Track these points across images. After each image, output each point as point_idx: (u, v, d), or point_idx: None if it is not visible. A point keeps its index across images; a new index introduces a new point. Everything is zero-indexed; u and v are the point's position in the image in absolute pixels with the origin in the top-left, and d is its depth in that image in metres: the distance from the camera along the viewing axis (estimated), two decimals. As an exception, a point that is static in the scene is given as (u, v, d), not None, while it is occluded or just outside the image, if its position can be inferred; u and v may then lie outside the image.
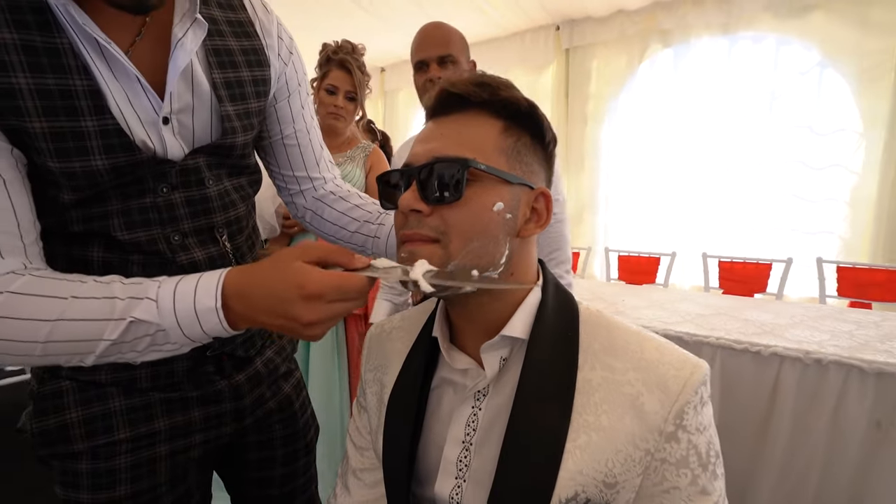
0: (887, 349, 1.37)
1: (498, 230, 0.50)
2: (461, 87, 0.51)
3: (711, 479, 0.47)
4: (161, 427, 0.61)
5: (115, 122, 0.49)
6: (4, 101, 0.44)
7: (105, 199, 0.52)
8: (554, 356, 0.52)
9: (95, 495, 0.58)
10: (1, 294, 0.45)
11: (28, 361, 0.49)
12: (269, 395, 0.72)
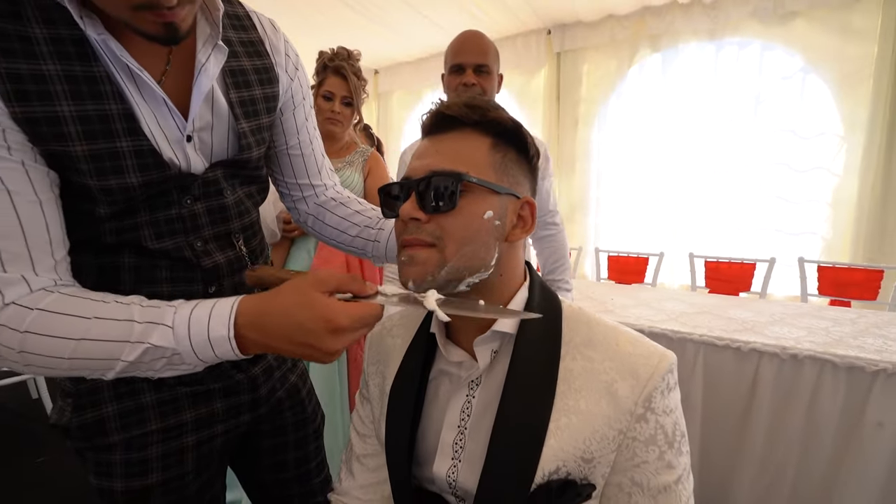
0: (860, 344, 1.44)
1: (488, 236, 0.55)
2: (454, 110, 0.57)
3: (677, 455, 0.53)
4: (188, 419, 0.66)
5: (148, 142, 0.54)
6: (49, 128, 0.48)
7: (135, 211, 0.56)
8: (539, 348, 0.58)
9: (129, 483, 0.63)
10: (33, 311, 0.48)
11: (53, 374, 0.52)
12: (279, 385, 0.78)
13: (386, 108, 4.93)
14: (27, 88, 0.47)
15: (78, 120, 0.49)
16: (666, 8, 3.17)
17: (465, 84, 1.36)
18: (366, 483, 0.73)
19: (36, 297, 0.49)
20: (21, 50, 0.46)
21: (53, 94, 0.48)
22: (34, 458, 2.26)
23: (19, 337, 0.48)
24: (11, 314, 0.48)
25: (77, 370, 0.51)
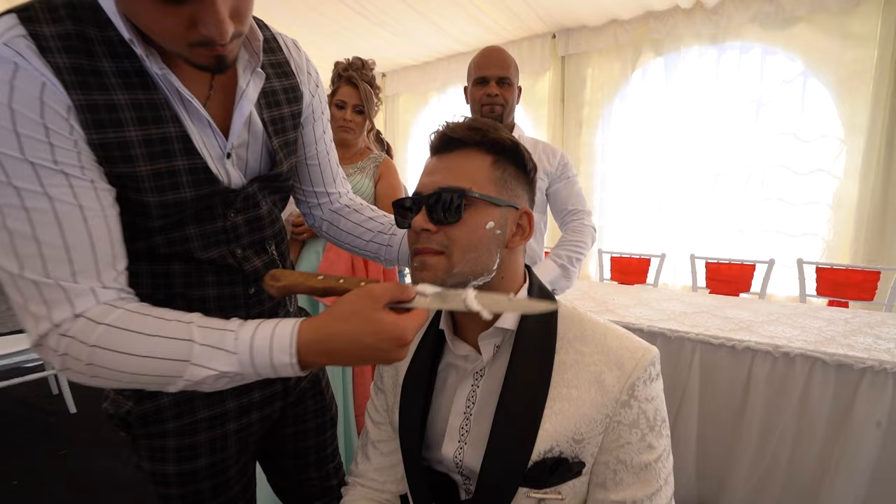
0: (850, 343, 1.50)
1: (490, 243, 0.63)
2: (459, 132, 0.64)
3: (657, 437, 0.60)
4: (231, 407, 0.73)
5: (202, 160, 0.60)
6: (120, 152, 0.54)
7: (184, 225, 0.63)
8: (536, 343, 0.65)
9: (181, 466, 0.70)
10: (100, 325, 0.51)
11: (116, 386, 0.55)
12: (303, 375, 0.86)
13: (393, 111, 5.01)
14: (102, 117, 0.53)
15: (143, 143, 0.56)
16: (668, 13, 3.22)
17: (488, 95, 1.45)
18: (380, 466, 0.81)
19: (103, 311, 0.52)
20: (95, 83, 0.52)
21: (123, 122, 0.54)
22: (57, 449, 2.36)
23: (87, 350, 0.51)
24: (81, 327, 0.51)
25: (139, 384, 0.54)
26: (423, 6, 3.38)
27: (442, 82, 4.48)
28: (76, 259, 0.52)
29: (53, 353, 0.51)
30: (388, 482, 0.81)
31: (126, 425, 0.70)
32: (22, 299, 0.50)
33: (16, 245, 0.49)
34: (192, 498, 0.73)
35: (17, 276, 0.49)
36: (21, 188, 0.48)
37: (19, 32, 0.48)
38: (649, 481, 0.59)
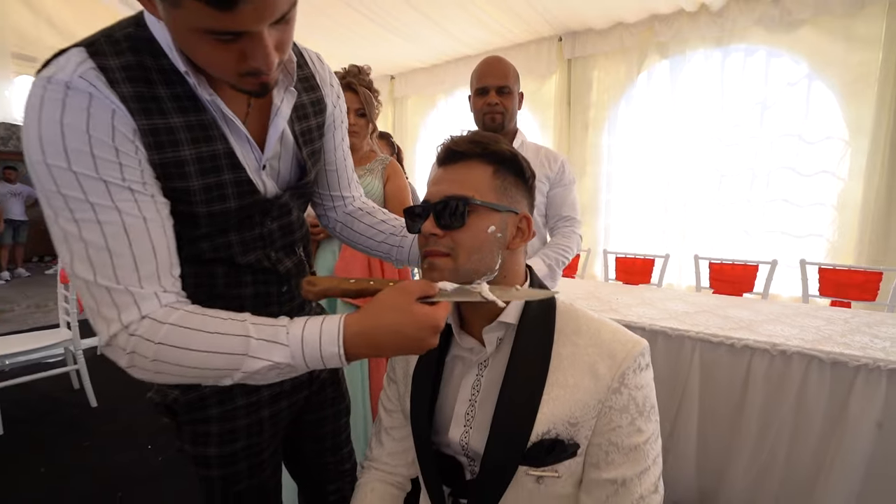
0: (846, 342, 1.54)
1: (492, 246, 0.69)
2: (462, 146, 0.71)
3: (646, 422, 0.66)
4: (264, 396, 0.80)
5: (245, 173, 0.67)
6: (175, 169, 0.60)
7: (227, 232, 0.70)
8: (536, 337, 0.71)
9: (222, 449, 0.77)
10: (164, 325, 0.56)
11: (178, 381, 0.59)
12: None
13: (401, 113, 5.08)
14: (162, 139, 0.59)
15: (196, 160, 0.62)
16: (674, 16, 3.26)
17: (489, 104, 1.52)
18: (393, 451, 0.88)
19: (166, 312, 0.58)
20: (155, 108, 0.59)
21: (179, 142, 0.60)
22: (80, 441, 2.47)
23: (154, 348, 0.56)
24: (147, 327, 0.56)
25: (200, 378, 0.59)
26: (431, 11, 3.45)
27: (450, 85, 4.55)
28: (141, 266, 0.57)
29: (122, 351, 0.57)
30: (400, 466, 0.88)
31: (171, 412, 0.76)
32: (95, 304, 0.56)
33: (90, 255, 0.55)
34: (231, 478, 0.80)
35: (91, 283, 0.55)
36: (95, 203, 0.54)
37: (90, 65, 0.55)
38: (638, 461, 0.65)
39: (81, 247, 0.55)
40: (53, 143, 0.52)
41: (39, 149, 0.52)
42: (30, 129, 0.52)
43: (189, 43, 0.54)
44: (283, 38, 0.56)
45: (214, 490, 0.81)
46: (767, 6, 2.93)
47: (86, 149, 0.53)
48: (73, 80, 0.53)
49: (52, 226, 0.55)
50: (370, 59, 5.19)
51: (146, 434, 2.52)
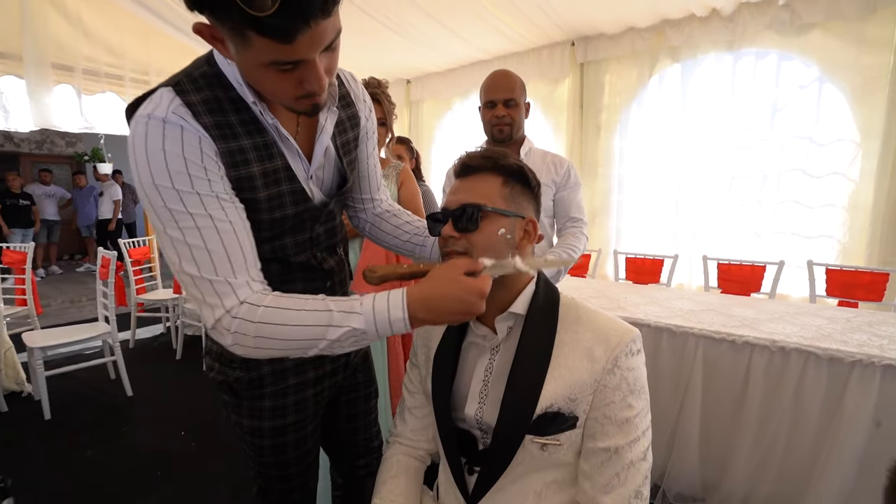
0: (844, 340, 1.61)
1: (502, 246, 0.80)
2: (476, 161, 0.83)
3: (636, 399, 0.77)
4: (310, 377, 0.93)
5: (300, 184, 0.80)
6: (247, 183, 0.73)
7: (283, 235, 0.82)
8: (541, 325, 0.82)
9: (274, 422, 0.90)
10: (260, 307, 0.67)
11: (274, 355, 0.70)
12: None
13: (417, 116, 5.20)
14: (237, 159, 0.72)
15: (262, 175, 0.75)
16: (685, 21, 3.31)
17: (497, 116, 1.64)
18: (415, 428, 1.00)
19: (259, 297, 0.69)
20: (230, 133, 0.72)
21: (250, 161, 0.73)
22: (119, 427, 2.65)
23: (254, 327, 0.67)
24: (246, 310, 0.67)
25: (292, 350, 0.69)
26: (446, 19, 3.56)
27: (465, 88, 4.65)
28: (234, 260, 0.69)
29: (227, 331, 0.68)
30: (421, 441, 1.00)
31: (232, 390, 0.90)
32: (200, 294, 0.69)
33: (194, 255, 0.67)
34: (280, 448, 0.93)
35: (197, 278, 0.68)
36: (194, 213, 0.67)
37: (178, 103, 0.68)
38: (629, 432, 0.76)
39: (186, 249, 0.67)
40: (159, 167, 0.65)
41: (149, 173, 0.65)
42: (139, 157, 0.65)
43: (257, 76, 0.66)
44: (331, 64, 0.68)
45: (265, 460, 0.94)
46: (778, 10, 2.97)
47: (183, 169, 0.66)
48: (168, 116, 0.66)
49: (161, 235, 0.68)
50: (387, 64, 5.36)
51: (179, 421, 2.69)
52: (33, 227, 6.95)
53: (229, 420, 0.95)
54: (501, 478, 0.81)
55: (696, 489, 1.82)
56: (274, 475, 0.96)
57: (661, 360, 1.86)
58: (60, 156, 8.90)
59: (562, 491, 0.82)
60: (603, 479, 0.76)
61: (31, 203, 6.94)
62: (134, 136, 0.66)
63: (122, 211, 7.57)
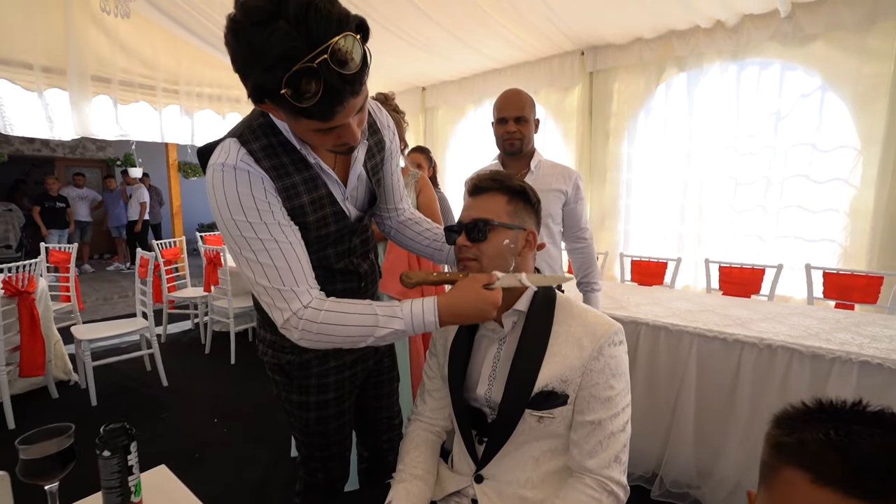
0: (828, 338, 1.74)
1: (507, 254, 0.97)
2: (485, 182, 1.00)
3: (617, 381, 0.93)
4: (347, 359, 1.12)
5: (339, 206, 0.98)
6: (299, 211, 0.90)
7: (326, 247, 1.01)
8: (540, 320, 0.99)
9: (318, 397, 1.10)
10: (321, 311, 0.85)
11: (330, 346, 0.88)
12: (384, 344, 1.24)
13: (432, 122, 5.39)
14: (290, 193, 0.90)
15: (310, 203, 0.92)
16: (690, 32, 3.43)
17: (508, 132, 1.82)
18: (433, 407, 1.17)
19: (319, 302, 0.87)
20: (284, 172, 0.90)
21: (300, 193, 0.91)
22: (158, 414, 2.88)
23: (317, 325, 0.85)
24: (311, 312, 0.86)
25: (346, 343, 0.88)
26: (459, 31, 3.74)
27: (478, 96, 4.82)
28: (295, 273, 0.87)
29: (294, 329, 0.86)
30: (439, 419, 1.17)
31: (284, 371, 1.09)
32: (271, 300, 0.87)
33: (265, 271, 0.86)
34: (323, 420, 1.12)
35: (269, 288, 0.86)
36: (263, 238, 0.85)
37: (244, 152, 0.86)
38: (611, 408, 0.92)
39: (259, 267, 0.86)
40: (234, 204, 0.83)
41: (227, 209, 0.84)
42: (218, 198, 0.84)
43: (303, 134, 0.84)
44: (361, 119, 0.85)
45: (310, 430, 1.13)
46: (781, 22, 3.07)
47: (252, 205, 0.84)
48: (237, 164, 0.84)
49: (238, 256, 0.87)
50: (404, 73, 5.57)
51: (211, 409, 2.92)
52: (68, 228, 7.33)
53: (279, 398, 1.14)
54: (505, 445, 0.99)
55: (691, 476, 1.96)
56: (316, 444, 1.15)
57: (658, 357, 2.00)
58: (91, 160, 9.33)
59: (555, 458, 0.99)
60: (588, 446, 0.92)
61: (66, 205, 7.33)
62: (213, 181, 0.85)
63: (149, 212, 7.92)
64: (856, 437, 0.42)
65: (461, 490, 1.05)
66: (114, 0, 2.92)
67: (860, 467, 0.40)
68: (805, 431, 0.45)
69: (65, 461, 0.77)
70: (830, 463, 0.41)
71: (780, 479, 0.45)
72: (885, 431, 0.42)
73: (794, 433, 0.46)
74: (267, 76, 0.68)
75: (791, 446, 0.45)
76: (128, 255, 8.33)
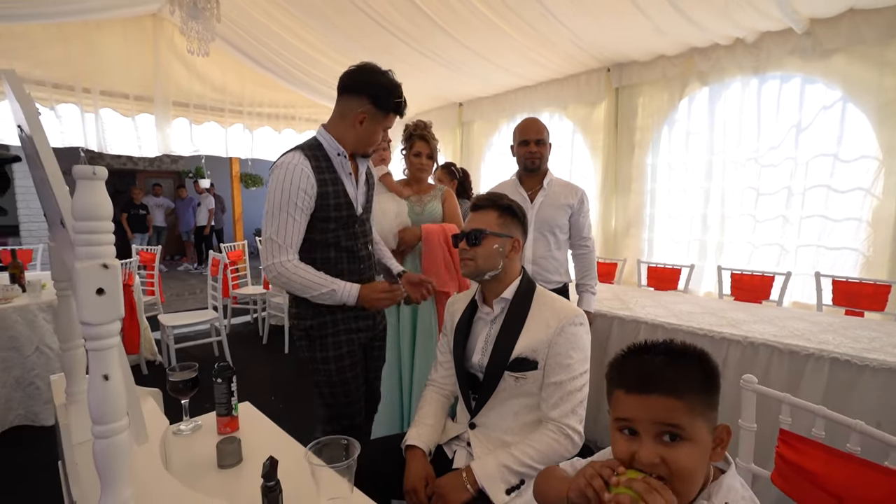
0: (809, 338, 1.91)
1: (496, 256, 1.30)
2: (481, 201, 1.33)
3: (574, 352, 1.22)
4: (353, 326, 1.51)
5: (350, 200, 1.43)
6: (325, 200, 1.38)
7: (338, 230, 1.43)
8: (520, 305, 1.30)
9: (336, 352, 1.48)
10: (298, 267, 1.38)
11: (296, 292, 1.41)
12: (380, 322, 1.65)
13: (468, 135, 5.74)
14: (322, 183, 1.38)
15: (334, 195, 1.41)
16: (712, 48, 3.57)
17: (530, 152, 2.18)
18: (443, 374, 1.50)
19: (295, 263, 1.39)
20: (320, 170, 1.37)
21: (328, 183, 1.39)
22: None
23: (290, 275, 1.37)
24: (288, 265, 1.37)
25: (303, 292, 1.39)
26: (492, 55, 4.07)
27: (510, 111, 5.13)
28: (290, 240, 1.37)
29: (272, 269, 1.37)
30: (447, 385, 1.50)
31: (308, 336, 1.49)
32: (269, 249, 1.37)
33: (278, 229, 1.36)
34: (340, 369, 1.50)
35: (273, 240, 1.36)
36: (290, 212, 1.34)
37: (302, 156, 1.35)
38: (569, 372, 1.22)
39: (276, 225, 1.34)
40: (287, 185, 1.33)
41: (282, 186, 1.32)
42: (280, 178, 1.32)
43: (375, 134, 1.39)
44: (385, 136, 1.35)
45: (333, 379, 1.50)
46: (800, 38, 3.17)
47: (296, 191, 1.32)
48: (299, 162, 1.33)
49: (269, 215, 1.35)
50: (441, 90, 5.99)
51: (269, 389, 3.39)
52: (148, 233, 8.30)
53: (306, 361, 1.53)
54: (490, 400, 1.30)
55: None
56: (340, 391, 1.52)
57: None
58: (166, 171, 10.44)
59: (530, 413, 1.29)
60: (552, 400, 1.22)
61: (146, 212, 8.30)
62: (282, 167, 1.34)
63: (213, 218, 8.79)
64: (647, 361, 0.70)
65: (460, 435, 1.38)
66: (197, 42, 3.48)
67: (642, 374, 0.69)
68: (622, 366, 0.74)
69: (194, 385, 1.18)
70: (630, 378, 0.70)
71: (613, 399, 0.73)
72: (667, 354, 0.71)
73: (615, 368, 0.75)
74: (395, 94, 1.43)
75: (614, 377, 0.74)
76: (195, 257, 9.26)
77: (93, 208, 0.54)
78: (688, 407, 0.66)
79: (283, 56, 4.83)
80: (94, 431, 0.54)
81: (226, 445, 1.06)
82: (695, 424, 0.66)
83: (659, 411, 0.66)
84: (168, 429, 1.12)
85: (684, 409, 0.66)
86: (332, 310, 1.46)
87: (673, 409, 0.65)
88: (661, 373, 0.68)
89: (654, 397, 0.66)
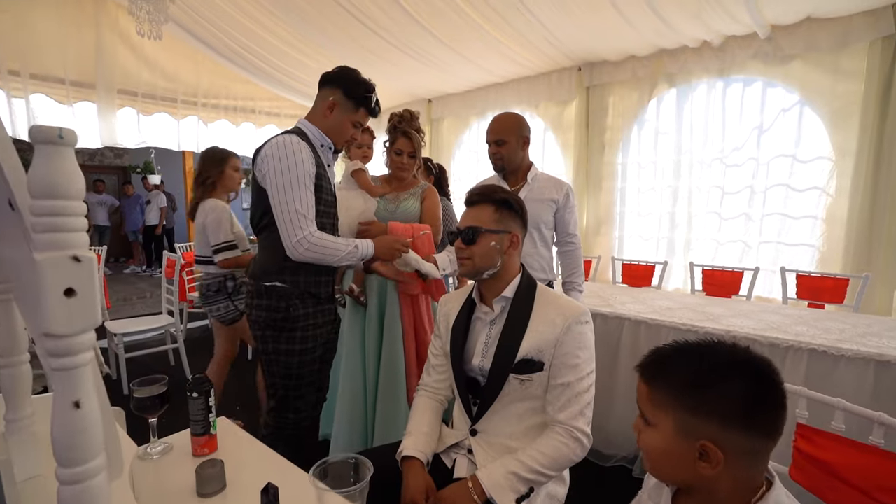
0: (786, 331, 1.96)
1: (494, 254, 1.22)
2: (475, 196, 1.25)
3: (582, 352, 1.17)
4: (320, 321, 1.52)
5: (329, 182, 1.42)
6: (321, 188, 1.37)
7: (322, 217, 1.45)
8: (522, 305, 1.23)
9: (302, 345, 1.50)
10: (322, 238, 1.44)
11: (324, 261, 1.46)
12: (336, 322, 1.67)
13: (438, 133, 5.65)
14: (317, 171, 1.35)
15: (324, 179, 1.44)
16: (680, 50, 3.67)
17: (492, 153, 2.11)
18: (437, 379, 1.41)
19: (318, 233, 1.44)
20: (315, 162, 1.32)
21: (322, 171, 1.36)
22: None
23: (323, 242, 1.43)
24: (313, 238, 1.42)
25: (332, 256, 1.46)
26: (462, 48, 4.01)
27: (481, 108, 5.09)
28: (308, 214, 1.42)
29: (304, 242, 1.40)
30: (441, 389, 1.41)
31: (275, 327, 1.45)
32: (294, 223, 1.39)
33: (302, 200, 1.40)
34: (301, 363, 1.51)
35: (297, 213, 1.40)
36: (307, 185, 1.41)
37: (299, 139, 1.31)
38: (577, 373, 1.16)
39: (299, 198, 1.37)
40: (300, 158, 1.38)
41: (296, 161, 1.35)
42: (289, 154, 1.36)
43: (343, 125, 1.41)
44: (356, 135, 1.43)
45: (291, 372, 1.49)
46: (762, 43, 3.31)
47: (310, 164, 1.35)
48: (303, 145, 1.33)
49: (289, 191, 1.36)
50: (410, 86, 5.86)
51: (231, 399, 3.16)
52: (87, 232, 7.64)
53: (265, 352, 1.49)
54: (494, 404, 1.23)
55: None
56: (293, 385, 1.51)
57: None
58: (109, 167, 9.68)
59: (534, 416, 1.23)
60: (559, 403, 1.16)
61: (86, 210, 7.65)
62: (289, 144, 1.39)
63: (165, 217, 8.24)
64: (663, 355, 0.73)
65: (459, 442, 1.29)
66: (148, 25, 3.19)
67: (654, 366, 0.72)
68: (646, 359, 0.76)
69: (163, 401, 1.02)
70: (647, 370, 0.73)
71: (639, 387, 0.75)
72: (678, 350, 0.72)
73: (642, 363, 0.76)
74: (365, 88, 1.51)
75: (640, 368, 0.76)
76: (143, 258, 8.64)
77: (60, 183, 0.41)
78: (651, 396, 0.72)
79: (241, 43, 4.56)
80: (61, 476, 0.41)
81: (206, 470, 0.92)
82: (657, 415, 0.71)
83: (639, 394, 0.75)
84: (136, 451, 0.97)
85: (647, 397, 0.73)
86: (307, 303, 1.50)
87: (641, 394, 0.74)
88: (651, 363, 0.74)
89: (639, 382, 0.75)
